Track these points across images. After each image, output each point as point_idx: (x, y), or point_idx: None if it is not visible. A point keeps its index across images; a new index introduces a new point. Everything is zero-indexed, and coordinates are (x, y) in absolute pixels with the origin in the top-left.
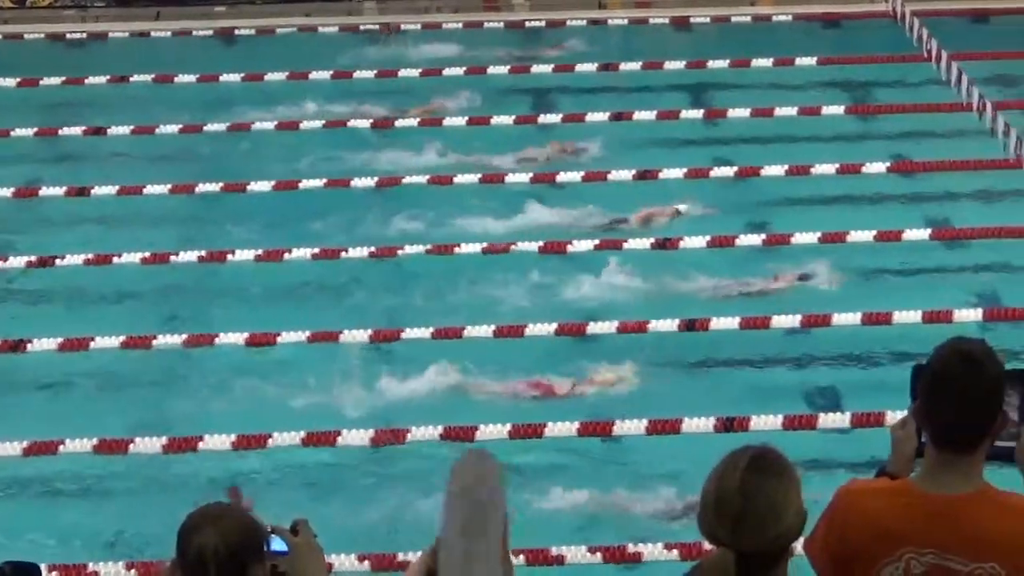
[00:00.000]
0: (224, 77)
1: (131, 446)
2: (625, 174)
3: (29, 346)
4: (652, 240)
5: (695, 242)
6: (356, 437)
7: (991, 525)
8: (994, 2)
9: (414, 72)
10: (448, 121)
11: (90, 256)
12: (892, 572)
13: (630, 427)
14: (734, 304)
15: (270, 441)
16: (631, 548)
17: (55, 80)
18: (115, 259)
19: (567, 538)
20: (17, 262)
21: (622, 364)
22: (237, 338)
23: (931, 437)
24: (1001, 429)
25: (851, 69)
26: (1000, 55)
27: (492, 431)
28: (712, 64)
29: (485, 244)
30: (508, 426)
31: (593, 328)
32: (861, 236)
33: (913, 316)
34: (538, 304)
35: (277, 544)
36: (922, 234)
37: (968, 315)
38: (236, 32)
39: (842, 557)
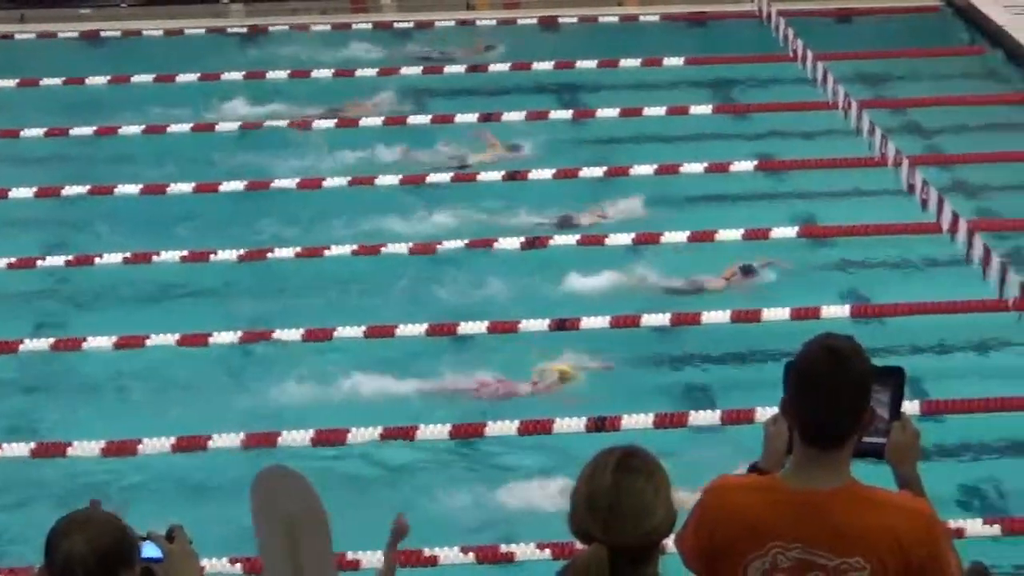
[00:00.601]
0: (90, 80)
1: None
2: (495, 175)
3: None
4: (522, 240)
5: (565, 240)
6: (228, 440)
7: (856, 520)
8: (857, 2)
9: (282, 74)
10: (318, 124)
11: None
12: (760, 566)
13: (502, 428)
14: (607, 304)
15: (140, 447)
16: (503, 548)
17: None
18: None
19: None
20: None
21: (491, 366)
22: (106, 342)
23: (799, 433)
24: (868, 426)
25: (718, 69)
26: (864, 55)
27: (364, 434)
28: (580, 64)
29: (355, 246)
30: (379, 428)
31: (465, 328)
32: (729, 235)
33: (782, 313)
34: (410, 305)
35: (151, 550)
36: (789, 232)
37: (836, 312)
38: (102, 34)
39: (712, 551)
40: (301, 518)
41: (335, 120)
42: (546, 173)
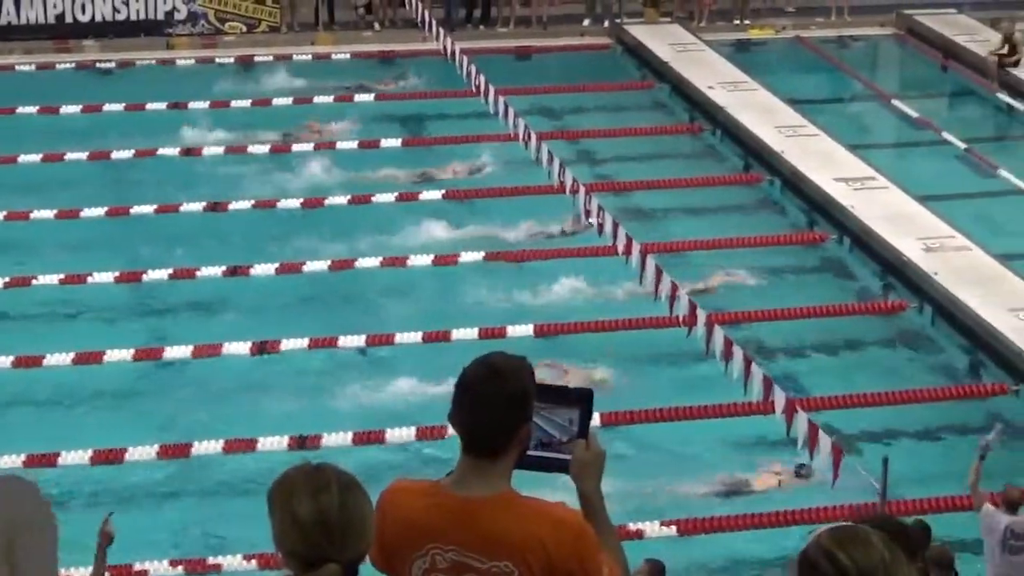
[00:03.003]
0: None
1: None
2: (196, 206)
3: None
4: (223, 268)
5: (263, 269)
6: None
7: (506, 526)
8: (535, 40)
9: None
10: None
11: None
12: (421, 566)
13: (208, 447)
14: (306, 325)
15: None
16: (211, 560)
17: None
18: None
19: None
20: None
21: None
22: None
23: (461, 442)
24: (526, 441)
25: (406, 104)
26: (542, 90)
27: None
28: (276, 101)
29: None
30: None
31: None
32: (419, 261)
33: (470, 333)
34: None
35: None
36: (476, 256)
37: (520, 331)
38: None
39: (386, 551)
40: (23, 525)
41: (40, 155)
42: (246, 204)
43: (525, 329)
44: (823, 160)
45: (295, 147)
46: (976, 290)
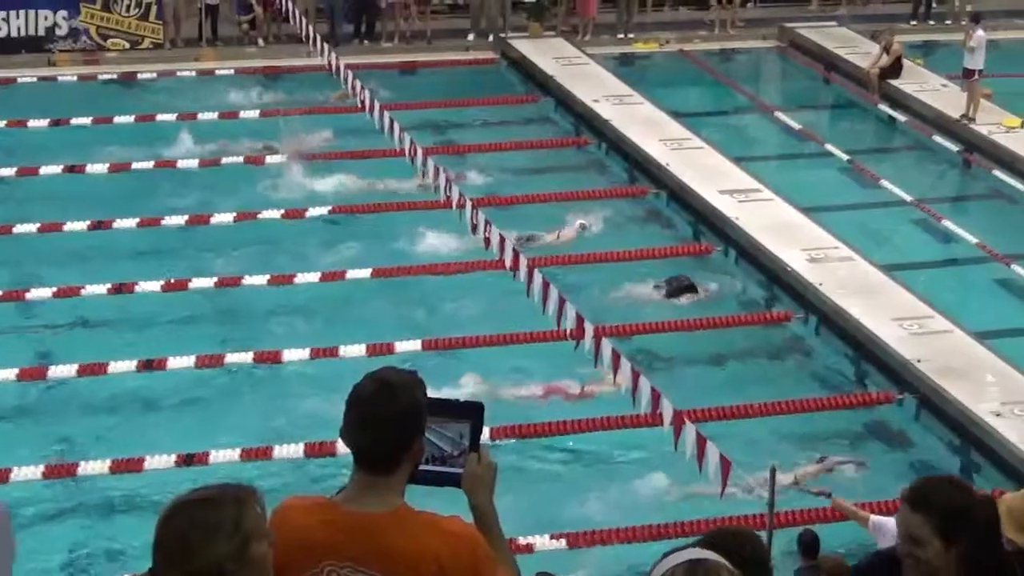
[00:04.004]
0: None
1: None
2: (80, 225)
3: None
4: (108, 286)
5: (150, 287)
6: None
7: (402, 542)
8: (421, 55)
9: None
10: None
11: None
12: None
13: (93, 467)
14: (192, 343)
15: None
16: None
17: None
18: None
19: None
20: None
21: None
22: None
23: (354, 458)
24: (419, 456)
25: (293, 120)
26: (428, 104)
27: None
28: (160, 117)
29: None
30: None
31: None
32: (306, 278)
33: (358, 350)
34: None
35: None
36: (364, 273)
37: (409, 346)
38: None
39: (279, 567)
40: None
41: None
42: (130, 223)
43: (413, 344)
44: (708, 173)
45: (180, 164)
46: (860, 300)
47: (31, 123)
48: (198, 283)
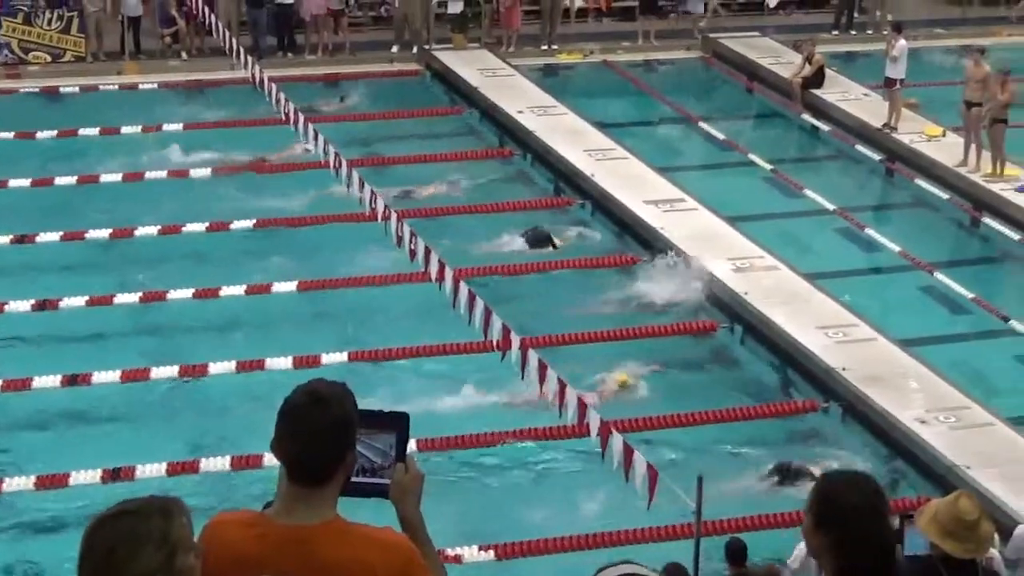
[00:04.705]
0: None
1: None
2: (3, 240)
3: None
4: (32, 301)
5: (74, 301)
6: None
7: (336, 553)
8: (345, 67)
9: None
10: None
11: None
12: None
13: (18, 483)
14: (117, 357)
15: None
16: None
17: None
18: None
19: None
20: None
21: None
22: None
23: (285, 471)
24: (351, 467)
25: (216, 132)
26: (352, 117)
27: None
28: (83, 132)
29: None
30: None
31: None
32: (232, 290)
33: (285, 363)
34: None
35: None
36: (290, 287)
37: (335, 358)
38: None
39: None
40: None
41: None
42: (54, 236)
43: (340, 356)
44: (632, 182)
45: (103, 178)
46: (785, 309)
47: None
48: (123, 297)
